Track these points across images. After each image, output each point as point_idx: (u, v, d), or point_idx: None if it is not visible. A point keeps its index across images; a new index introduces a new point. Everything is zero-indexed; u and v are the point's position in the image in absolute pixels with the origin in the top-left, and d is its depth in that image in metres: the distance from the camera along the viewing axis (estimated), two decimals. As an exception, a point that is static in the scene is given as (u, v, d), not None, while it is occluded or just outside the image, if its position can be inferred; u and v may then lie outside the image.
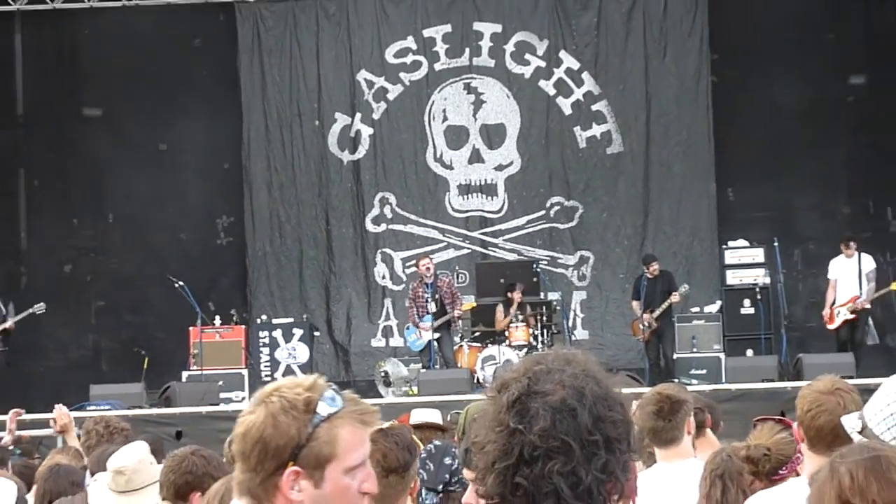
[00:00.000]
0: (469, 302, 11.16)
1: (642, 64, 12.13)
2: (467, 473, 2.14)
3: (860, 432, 1.95)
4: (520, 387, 1.22)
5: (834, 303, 10.75)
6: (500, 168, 12.31)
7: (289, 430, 1.35)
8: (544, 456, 1.20)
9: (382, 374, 11.01)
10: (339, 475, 1.37)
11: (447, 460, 3.28)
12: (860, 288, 10.63)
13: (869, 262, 10.74)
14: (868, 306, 10.73)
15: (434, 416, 5.08)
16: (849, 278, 10.68)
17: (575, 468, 1.19)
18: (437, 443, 3.62)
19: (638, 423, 3.70)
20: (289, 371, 11.15)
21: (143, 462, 3.13)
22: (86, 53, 12.48)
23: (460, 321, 10.91)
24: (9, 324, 10.42)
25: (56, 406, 5.27)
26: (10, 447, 5.70)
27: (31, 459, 5.34)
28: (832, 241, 11.24)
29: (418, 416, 4.94)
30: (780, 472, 2.72)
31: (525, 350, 10.33)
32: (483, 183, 12.31)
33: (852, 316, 10.62)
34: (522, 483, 1.20)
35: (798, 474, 2.56)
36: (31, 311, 10.64)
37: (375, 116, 12.36)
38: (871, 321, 10.85)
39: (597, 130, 12.17)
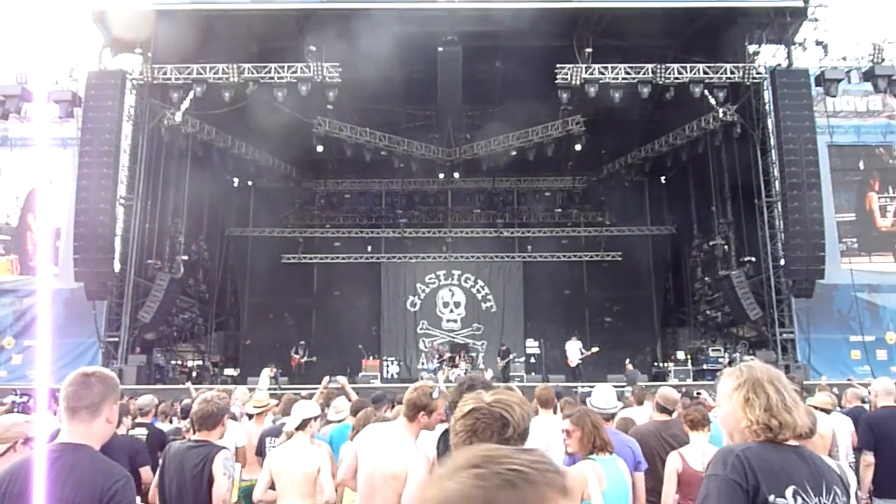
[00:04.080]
0: (448, 355, 23.18)
1: (502, 288, 28.59)
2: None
3: (584, 403, 5.02)
4: (466, 382, 3.24)
5: (568, 358, 21.06)
6: (459, 315, 27.86)
7: (424, 398, 3.29)
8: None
9: (420, 377, 17.72)
10: (436, 415, 3.29)
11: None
12: (580, 352, 20.86)
13: (582, 343, 21.34)
14: (581, 360, 21.71)
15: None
16: (574, 349, 20.85)
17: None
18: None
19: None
20: (392, 376, 23.71)
21: (340, 401, 6.08)
22: (335, 280, 30.65)
23: (444, 362, 22.44)
24: (304, 360, 23.25)
25: (335, 378, 9.55)
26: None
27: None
28: (558, 340, 23.99)
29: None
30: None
31: (463, 371, 20.83)
32: (454, 319, 27.62)
33: (579, 361, 20.76)
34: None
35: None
36: (312, 358, 22.83)
37: (421, 297, 27.96)
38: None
39: (488, 304, 27.78)
